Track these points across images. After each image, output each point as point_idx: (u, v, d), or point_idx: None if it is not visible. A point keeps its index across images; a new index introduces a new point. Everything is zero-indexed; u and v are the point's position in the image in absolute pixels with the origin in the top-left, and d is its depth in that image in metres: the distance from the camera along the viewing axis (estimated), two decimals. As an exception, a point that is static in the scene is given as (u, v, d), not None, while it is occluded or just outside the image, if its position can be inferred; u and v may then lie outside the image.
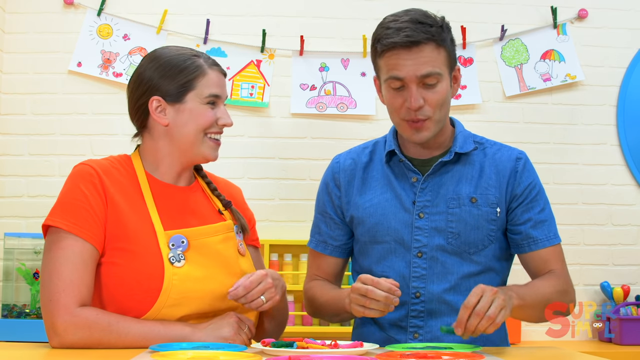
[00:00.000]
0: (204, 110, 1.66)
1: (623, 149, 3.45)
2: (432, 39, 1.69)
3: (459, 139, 1.82)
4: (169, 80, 1.65)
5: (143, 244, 1.58)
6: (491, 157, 1.82)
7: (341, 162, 1.90)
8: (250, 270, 1.70)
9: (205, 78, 1.66)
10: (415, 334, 1.76)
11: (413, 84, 1.69)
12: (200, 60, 1.68)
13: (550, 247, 1.81)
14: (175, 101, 1.65)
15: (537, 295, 1.69)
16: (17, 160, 3.30)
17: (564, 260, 1.84)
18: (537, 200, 1.82)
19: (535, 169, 1.86)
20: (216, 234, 1.67)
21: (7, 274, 3.04)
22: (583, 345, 3.18)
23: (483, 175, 1.80)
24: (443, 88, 1.72)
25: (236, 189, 1.87)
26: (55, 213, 1.58)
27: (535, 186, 1.82)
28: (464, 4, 3.45)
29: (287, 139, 3.39)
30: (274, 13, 3.43)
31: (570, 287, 1.81)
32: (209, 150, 1.69)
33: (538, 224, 1.80)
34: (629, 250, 3.44)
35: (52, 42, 3.34)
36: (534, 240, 1.80)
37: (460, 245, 1.76)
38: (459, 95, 3.40)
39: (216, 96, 1.67)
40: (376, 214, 1.80)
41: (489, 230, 1.77)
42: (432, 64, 1.69)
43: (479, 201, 1.77)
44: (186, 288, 1.57)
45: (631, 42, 3.50)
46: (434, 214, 1.77)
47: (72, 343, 1.50)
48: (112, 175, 1.63)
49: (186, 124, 1.65)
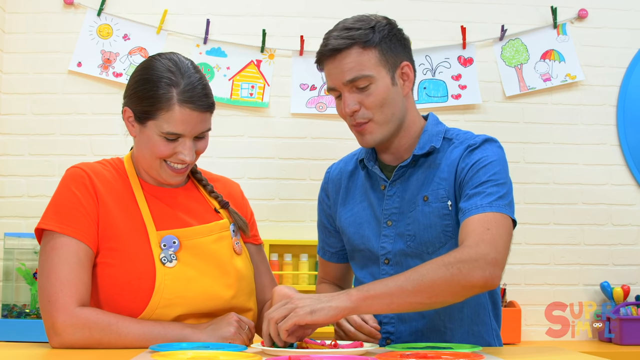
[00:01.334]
0: (159, 142, 1.59)
1: (623, 149, 3.45)
2: (354, 42, 1.67)
3: (422, 140, 1.75)
4: (137, 100, 1.61)
5: (134, 244, 1.58)
6: (450, 152, 1.73)
7: (331, 172, 1.93)
8: (246, 269, 1.70)
9: (168, 113, 1.56)
10: (388, 340, 1.75)
11: (344, 90, 1.69)
12: (172, 92, 1.56)
13: (475, 215, 1.57)
14: (138, 122, 1.62)
15: (397, 280, 1.48)
16: (17, 160, 3.30)
17: (492, 228, 1.55)
18: (479, 176, 1.64)
19: (495, 153, 1.68)
20: (210, 233, 1.66)
21: (7, 274, 3.04)
22: (583, 345, 3.18)
23: (438, 172, 1.72)
24: (379, 89, 1.67)
25: (235, 185, 1.86)
26: (48, 216, 1.58)
27: (480, 163, 1.66)
28: (464, 4, 3.45)
29: (287, 139, 3.39)
30: (274, 13, 3.43)
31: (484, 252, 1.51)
32: (167, 176, 1.64)
33: (472, 197, 1.62)
34: (629, 250, 3.44)
35: (52, 42, 3.34)
36: (461, 212, 1.61)
37: (418, 247, 1.71)
38: (459, 95, 3.40)
39: (174, 134, 1.58)
40: (354, 224, 1.81)
41: (443, 226, 1.69)
42: (357, 69, 1.66)
43: (430, 198, 1.71)
44: (178, 288, 1.57)
45: (631, 42, 3.50)
46: (400, 220, 1.74)
47: (72, 343, 1.50)
48: (104, 177, 1.63)
49: (144, 147, 1.62)
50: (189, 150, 1.60)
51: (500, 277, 1.54)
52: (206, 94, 1.61)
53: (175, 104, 1.56)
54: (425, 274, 1.48)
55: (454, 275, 1.48)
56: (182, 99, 1.56)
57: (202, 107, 1.59)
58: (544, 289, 3.40)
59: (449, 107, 3.42)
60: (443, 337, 1.73)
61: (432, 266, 1.49)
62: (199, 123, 1.60)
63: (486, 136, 1.73)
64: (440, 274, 1.48)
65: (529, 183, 3.42)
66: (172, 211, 1.66)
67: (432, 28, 3.42)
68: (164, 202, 1.67)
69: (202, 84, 1.61)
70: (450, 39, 3.43)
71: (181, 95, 1.56)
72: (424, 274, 1.48)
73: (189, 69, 1.61)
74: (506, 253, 1.56)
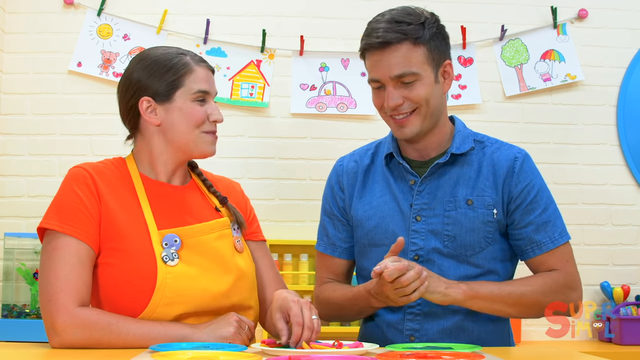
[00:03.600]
0: (193, 107, 1.66)
1: (623, 149, 3.45)
2: (406, 38, 1.68)
3: (456, 139, 1.79)
4: (156, 79, 1.66)
5: (136, 243, 1.58)
6: (489, 157, 1.79)
7: (344, 165, 1.90)
8: (247, 267, 1.70)
9: (192, 75, 1.66)
10: (412, 337, 1.75)
11: (389, 84, 1.70)
12: (186, 58, 1.68)
13: (554, 248, 1.76)
14: (165, 100, 1.66)
15: (502, 290, 1.70)
16: (17, 160, 3.30)
17: (570, 259, 1.78)
18: (538, 202, 1.76)
19: (536, 168, 1.81)
20: (211, 231, 1.66)
21: (7, 274, 3.04)
22: (583, 345, 3.18)
23: (480, 176, 1.77)
24: (424, 85, 1.71)
25: (235, 184, 1.87)
26: (49, 216, 1.58)
27: (534, 186, 1.77)
28: (464, 4, 3.45)
29: (287, 139, 3.39)
30: (274, 13, 3.43)
31: (571, 285, 1.75)
32: (206, 145, 1.69)
33: (541, 227, 1.75)
34: (629, 250, 3.44)
35: (52, 42, 3.34)
36: (537, 244, 1.76)
37: (457, 248, 1.74)
38: (459, 95, 3.40)
39: (205, 92, 1.67)
40: (375, 217, 1.80)
41: (485, 232, 1.74)
42: (405, 64, 1.68)
43: (475, 203, 1.75)
44: (180, 286, 1.57)
45: (631, 42, 3.50)
46: (431, 216, 1.75)
47: (72, 343, 1.50)
48: (106, 177, 1.63)
49: (178, 123, 1.66)
50: (217, 110, 1.70)
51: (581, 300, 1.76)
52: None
53: (195, 65, 1.68)
54: (525, 293, 1.71)
55: (548, 303, 1.71)
56: (197, 60, 1.70)
57: (210, 67, 1.73)
58: (544, 289, 3.40)
59: (449, 107, 3.37)
60: (469, 336, 1.74)
61: (533, 289, 1.72)
62: (214, 83, 1.73)
63: (521, 149, 1.83)
64: (537, 299, 1.71)
65: (529, 183, 3.42)
66: (173, 210, 1.67)
67: (432, 28, 3.41)
68: (166, 201, 1.67)
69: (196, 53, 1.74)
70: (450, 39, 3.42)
71: (194, 58, 1.70)
72: (524, 293, 1.71)
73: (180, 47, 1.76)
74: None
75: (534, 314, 1.74)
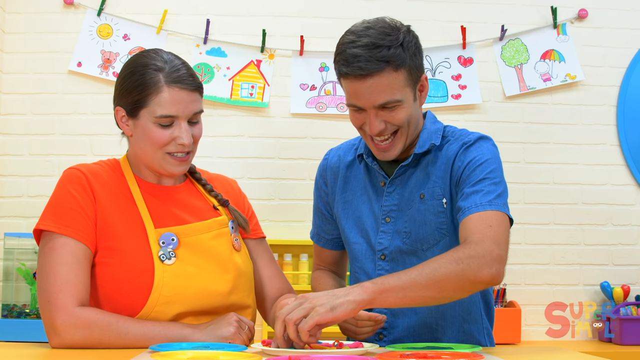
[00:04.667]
0: (155, 129, 1.59)
1: (623, 149, 3.45)
2: (389, 64, 1.61)
3: (421, 138, 1.75)
4: (126, 94, 1.62)
5: (133, 242, 1.58)
6: (446, 149, 1.73)
7: (329, 159, 1.91)
8: (245, 266, 1.70)
9: (158, 97, 1.57)
10: (381, 335, 1.76)
11: (371, 111, 1.65)
12: (159, 76, 1.58)
13: (476, 213, 1.58)
14: (131, 116, 1.63)
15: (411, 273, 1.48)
16: (17, 160, 3.30)
17: (494, 225, 1.57)
18: (476, 174, 1.65)
19: (490, 149, 1.70)
20: (209, 230, 1.66)
21: (7, 274, 3.04)
22: (583, 345, 3.18)
23: (435, 169, 1.73)
24: (405, 109, 1.66)
25: (232, 182, 1.87)
26: (46, 217, 1.58)
27: (476, 161, 1.67)
28: (464, 4, 3.45)
29: (287, 139, 3.39)
30: (274, 13, 3.43)
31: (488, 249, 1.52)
32: (169, 166, 1.63)
33: (470, 195, 1.62)
34: (629, 250, 3.44)
35: (52, 42, 3.35)
36: (461, 210, 1.61)
37: (413, 244, 1.72)
38: (459, 95, 3.40)
39: (169, 117, 1.58)
40: (352, 216, 1.81)
41: (437, 224, 1.70)
42: (389, 93, 1.62)
43: (426, 196, 1.72)
44: (177, 285, 1.57)
45: (631, 42, 3.50)
46: (399, 217, 1.75)
47: (72, 343, 1.50)
48: (101, 178, 1.63)
49: (142, 140, 1.63)
50: (185, 133, 1.60)
51: (504, 274, 1.55)
52: (192, 75, 1.62)
53: (164, 86, 1.58)
54: (437, 268, 1.48)
55: (464, 270, 1.48)
56: (169, 80, 1.58)
57: (190, 85, 1.60)
58: (544, 289, 3.41)
59: (449, 107, 3.42)
60: (434, 334, 1.74)
61: (443, 261, 1.49)
62: (190, 103, 1.60)
63: (480, 134, 1.74)
64: (451, 269, 1.48)
65: (529, 183, 3.42)
66: (170, 209, 1.66)
67: (432, 28, 3.42)
68: (162, 200, 1.67)
69: (185, 66, 1.62)
70: (450, 39, 3.43)
71: (167, 77, 1.58)
72: (435, 268, 1.48)
73: (170, 56, 1.64)
74: (507, 250, 1.58)
75: (457, 290, 1.51)
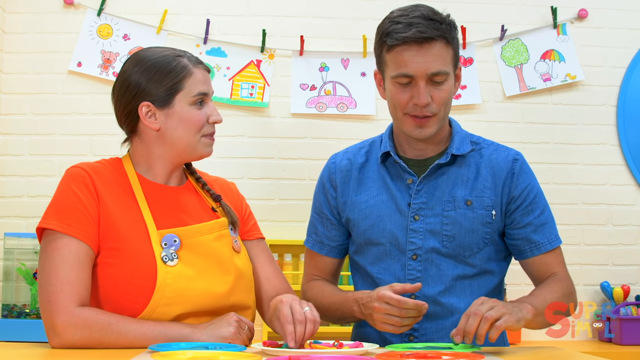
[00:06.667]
0: (192, 112, 1.65)
1: (623, 149, 3.45)
2: (443, 36, 1.67)
3: (455, 140, 1.79)
4: (156, 83, 1.64)
5: (135, 243, 1.58)
6: (487, 159, 1.80)
7: (337, 162, 1.89)
8: (245, 267, 1.70)
9: (192, 78, 1.65)
10: (411, 337, 1.75)
11: (422, 80, 1.67)
12: (184, 60, 1.66)
13: (552, 250, 1.79)
14: (164, 105, 1.64)
15: (545, 303, 1.66)
16: (17, 160, 3.30)
17: (564, 262, 1.83)
18: (536, 203, 1.79)
19: (532, 170, 1.84)
20: (210, 232, 1.66)
21: (7, 274, 3.04)
22: (583, 345, 3.18)
23: (479, 177, 1.77)
24: (449, 86, 1.71)
25: (229, 183, 1.87)
26: (48, 215, 1.58)
27: (532, 188, 1.80)
28: (464, 4, 3.45)
29: (287, 139, 3.39)
30: (274, 13, 3.43)
31: (572, 288, 1.79)
32: (205, 148, 1.70)
33: (539, 228, 1.78)
34: (629, 250, 3.44)
35: (52, 42, 3.35)
36: (535, 245, 1.78)
37: (455, 248, 1.74)
38: (459, 95, 3.40)
39: (204, 94, 1.67)
40: (372, 216, 1.80)
41: (484, 233, 1.76)
42: (441, 62, 1.67)
43: (474, 204, 1.75)
44: (180, 287, 1.57)
45: (631, 42, 3.50)
46: (429, 216, 1.75)
47: (72, 343, 1.50)
48: (104, 177, 1.63)
49: (178, 128, 1.65)
50: (216, 110, 1.69)
51: None
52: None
53: (193, 67, 1.67)
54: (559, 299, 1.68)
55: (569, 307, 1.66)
56: (194, 61, 1.68)
57: (207, 67, 1.72)
58: (544, 289, 3.40)
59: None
60: None
61: (558, 295, 1.71)
62: (211, 83, 1.72)
63: (517, 151, 1.84)
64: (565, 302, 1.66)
65: (529, 183, 3.42)
66: (172, 210, 1.67)
67: (432, 28, 3.41)
68: (164, 201, 1.67)
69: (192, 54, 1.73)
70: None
71: (190, 60, 1.68)
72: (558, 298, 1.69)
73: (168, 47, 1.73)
74: None
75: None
